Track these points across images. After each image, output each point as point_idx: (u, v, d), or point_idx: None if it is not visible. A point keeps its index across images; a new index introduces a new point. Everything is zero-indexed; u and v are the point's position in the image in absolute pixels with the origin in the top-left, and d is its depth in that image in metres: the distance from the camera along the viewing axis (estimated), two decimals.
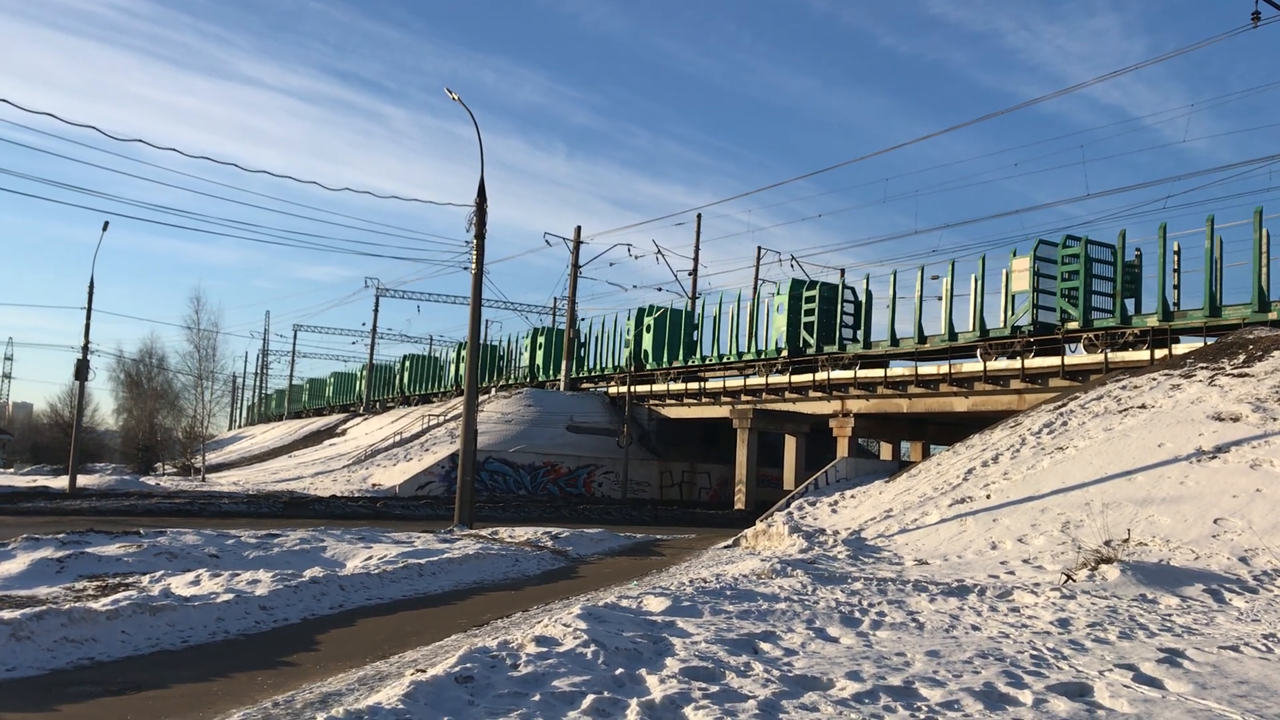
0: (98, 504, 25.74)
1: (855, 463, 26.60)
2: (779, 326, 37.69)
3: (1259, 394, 17.63)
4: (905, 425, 35.86)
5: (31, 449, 69.58)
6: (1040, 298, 28.60)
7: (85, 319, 35.45)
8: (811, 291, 37.08)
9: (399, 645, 9.08)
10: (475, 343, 23.89)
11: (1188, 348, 24.32)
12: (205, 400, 49.06)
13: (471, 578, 14.32)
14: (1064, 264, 28.29)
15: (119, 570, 12.19)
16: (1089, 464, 17.34)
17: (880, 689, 6.26)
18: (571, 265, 49.85)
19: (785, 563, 13.96)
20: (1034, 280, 28.52)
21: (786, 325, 37.19)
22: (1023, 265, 28.87)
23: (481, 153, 23.31)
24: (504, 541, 18.45)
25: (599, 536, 21.04)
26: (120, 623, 8.81)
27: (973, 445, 22.07)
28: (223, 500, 28.80)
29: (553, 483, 41.41)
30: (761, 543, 19.28)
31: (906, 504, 19.48)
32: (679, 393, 42.44)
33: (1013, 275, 29.17)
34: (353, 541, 16.17)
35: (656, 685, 6.21)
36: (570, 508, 33.01)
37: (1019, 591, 11.05)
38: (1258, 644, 8.07)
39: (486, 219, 23.18)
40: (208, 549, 13.90)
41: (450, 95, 22.38)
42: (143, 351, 65.16)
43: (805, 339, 36.83)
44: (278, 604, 10.62)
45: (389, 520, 25.75)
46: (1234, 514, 13.71)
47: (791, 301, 37.26)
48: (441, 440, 42.85)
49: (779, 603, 10.11)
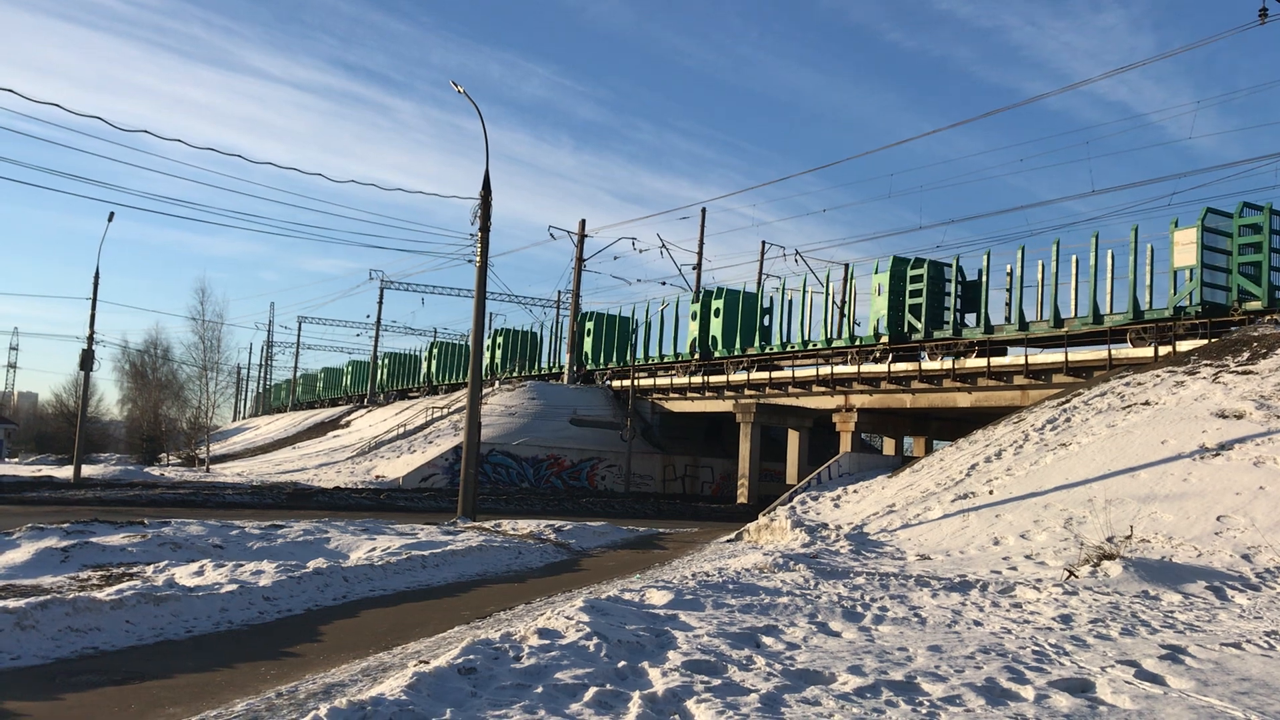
0: (102, 494, 25.82)
1: (858, 458, 26.62)
2: (878, 309, 33.22)
3: (1263, 391, 17.60)
4: (908, 420, 35.80)
5: (36, 439, 69.87)
6: (1209, 274, 25.17)
7: (90, 309, 35.58)
8: (919, 270, 32.42)
9: (402, 636, 9.10)
10: (479, 336, 23.94)
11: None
12: (210, 391, 49.08)
13: (474, 570, 14.35)
14: (1241, 235, 24.94)
15: (123, 560, 12.23)
16: (1092, 460, 17.32)
17: (882, 683, 6.27)
18: (576, 258, 49.87)
19: (788, 557, 13.97)
20: (1200, 255, 25.00)
21: (888, 308, 32.77)
22: (1187, 238, 25.33)
23: (486, 146, 23.36)
24: (507, 534, 18.48)
25: (602, 530, 21.07)
26: (124, 612, 8.84)
27: (976, 441, 22.07)
28: (227, 491, 28.87)
29: (556, 476, 41.47)
30: (764, 537, 19.30)
31: (909, 499, 19.48)
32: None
33: (1175, 249, 25.68)
34: (356, 533, 16.20)
35: (659, 678, 6.22)
36: (573, 501, 33.04)
37: (1021, 587, 11.05)
38: (1260, 641, 8.07)
39: (491, 212, 23.19)
40: (212, 539, 13.95)
41: (456, 88, 22.37)
42: (148, 342, 65.50)
43: (911, 322, 32.48)
44: (281, 595, 10.65)
45: (392, 512, 25.79)
46: (1237, 511, 13.70)
47: (894, 281, 32.80)
48: (445, 433, 42.91)
49: (781, 597, 10.12)
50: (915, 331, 32.40)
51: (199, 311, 49.78)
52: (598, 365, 48.45)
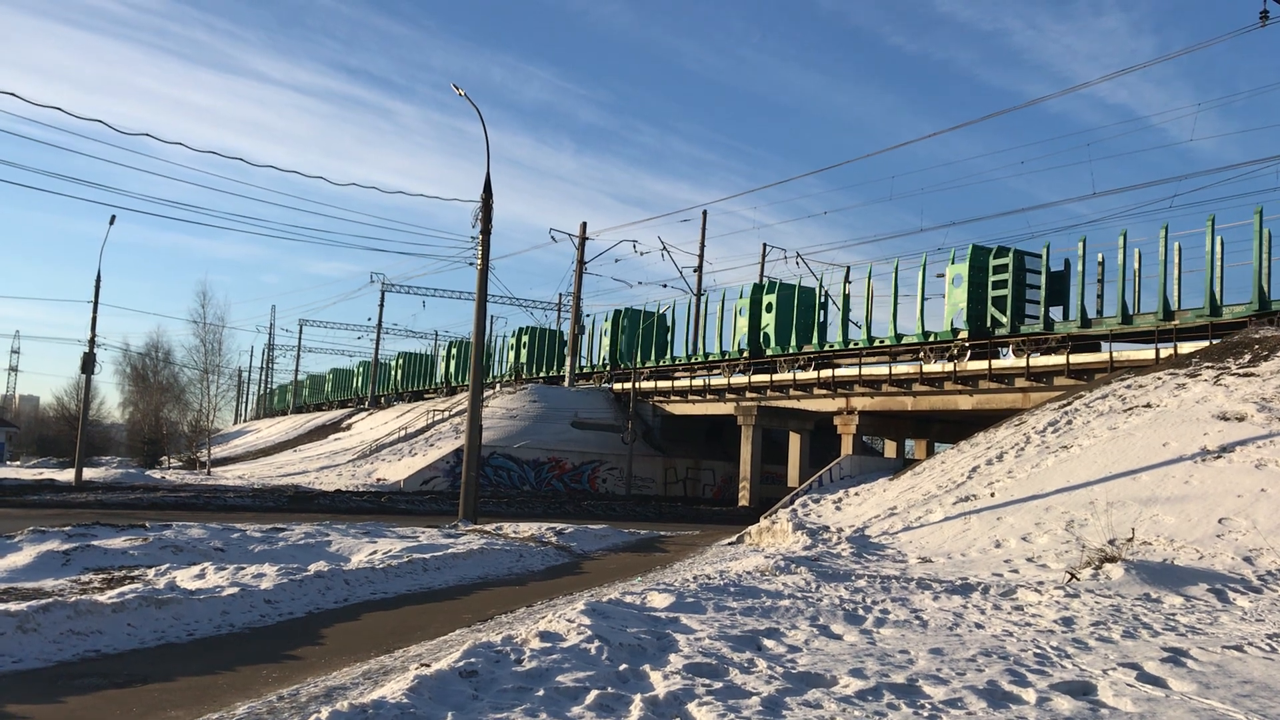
0: (103, 497, 25.83)
1: (859, 460, 26.59)
2: (956, 301, 30.49)
3: (1264, 394, 17.58)
4: (910, 423, 35.79)
5: (38, 442, 69.95)
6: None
7: (92, 312, 35.58)
8: (1003, 259, 29.98)
9: (403, 640, 9.10)
10: (480, 338, 23.94)
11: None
12: (211, 394, 49.13)
13: (476, 573, 14.36)
14: None
15: (125, 563, 12.23)
16: (1093, 463, 17.31)
17: (884, 686, 6.27)
18: (577, 261, 49.89)
19: (789, 560, 13.96)
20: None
21: (967, 300, 30.07)
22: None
23: (488, 148, 23.37)
24: (508, 537, 18.48)
25: (603, 532, 21.07)
26: (126, 615, 8.85)
27: (977, 443, 22.05)
28: (228, 494, 28.88)
29: (557, 478, 41.47)
30: (765, 539, 19.29)
31: (910, 502, 19.47)
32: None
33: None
34: (357, 536, 16.21)
35: (660, 681, 6.22)
36: (574, 503, 33.05)
37: (1023, 590, 11.04)
38: (1262, 644, 8.06)
39: (492, 215, 23.20)
40: (213, 542, 13.95)
41: (457, 91, 22.40)
42: (149, 345, 65.48)
43: (995, 316, 29.89)
44: (283, 598, 10.66)
45: (393, 515, 25.79)
46: (1238, 514, 13.69)
47: (974, 272, 30.24)
48: (446, 435, 42.92)
49: (783, 600, 10.12)
50: (999, 326, 29.79)
51: (200, 314, 49.93)
52: (624, 365, 45.70)
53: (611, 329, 47.55)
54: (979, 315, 30.35)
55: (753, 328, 38.63)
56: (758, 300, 38.78)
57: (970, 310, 30.22)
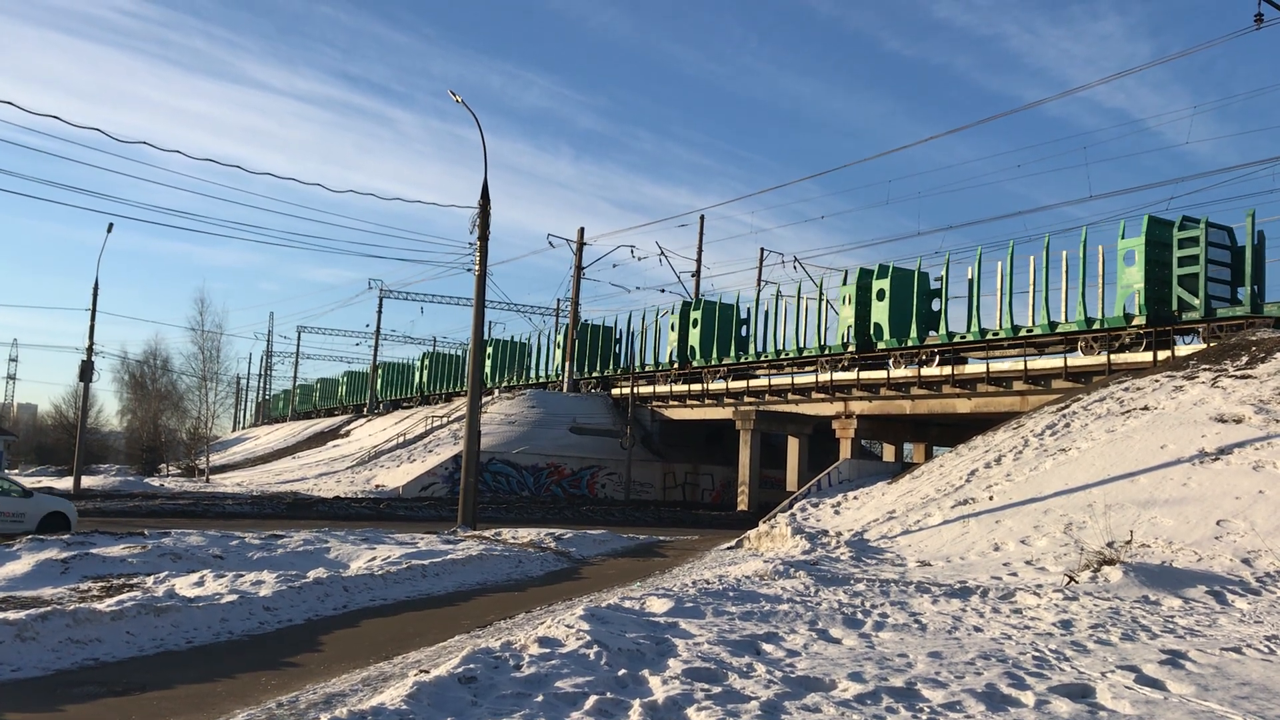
0: (102, 505, 25.81)
1: (858, 464, 26.60)
2: (1129, 283, 26.40)
3: (1262, 396, 17.61)
4: (908, 427, 35.80)
5: (36, 450, 69.83)
6: None
7: (90, 320, 35.62)
8: (1191, 231, 25.66)
9: (402, 646, 9.10)
10: (479, 344, 23.97)
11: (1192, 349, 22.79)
12: (209, 401, 49.18)
13: (475, 579, 14.35)
14: None
15: (123, 571, 12.22)
16: (1091, 465, 17.33)
17: (882, 690, 6.28)
18: (575, 266, 49.88)
19: (788, 564, 13.97)
20: None
21: (1144, 281, 25.97)
22: None
23: (485, 155, 23.43)
24: (507, 543, 18.48)
25: (602, 538, 21.06)
26: (125, 623, 8.84)
27: (975, 447, 22.07)
28: (227, 501, 28.85)
29: (556, 484, 41.44)
30: (764, 544, 19.29)
31: (909, 505, 19.48)
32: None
33: None
34: (356, 543, 16.20)
35: (659, 686, 6.23)
36: (573, 509, 33.03)
37: (1021, 593, 11.05)
38: (1260, 645, 8.08)
39: (490, 221, 23.23)
40: (212, 550, 13.94)
41: (455, 98, 22.43)
42: (147, 353, 65.41)
43: (1183, 297, 25.67)
44: (282, 605, 10.65)
45: (392, 521, 25.78)
46: (1236, 516, 13.70)
47: (1150, 248, 25.94)
48: (445, 441, 42.90)
49: (781, 604, 10.12)
50: (1189, 310, 25.61)
51: (198, 322, 49.99)
52: (698, 363, 42.10)
53: (680, 323, 43.02)
54: (1162, 298, 26.11)
55: (860, 318, 34.45)
56: (865, 286, 34.24)
57: (1149, 291, 26.00)
